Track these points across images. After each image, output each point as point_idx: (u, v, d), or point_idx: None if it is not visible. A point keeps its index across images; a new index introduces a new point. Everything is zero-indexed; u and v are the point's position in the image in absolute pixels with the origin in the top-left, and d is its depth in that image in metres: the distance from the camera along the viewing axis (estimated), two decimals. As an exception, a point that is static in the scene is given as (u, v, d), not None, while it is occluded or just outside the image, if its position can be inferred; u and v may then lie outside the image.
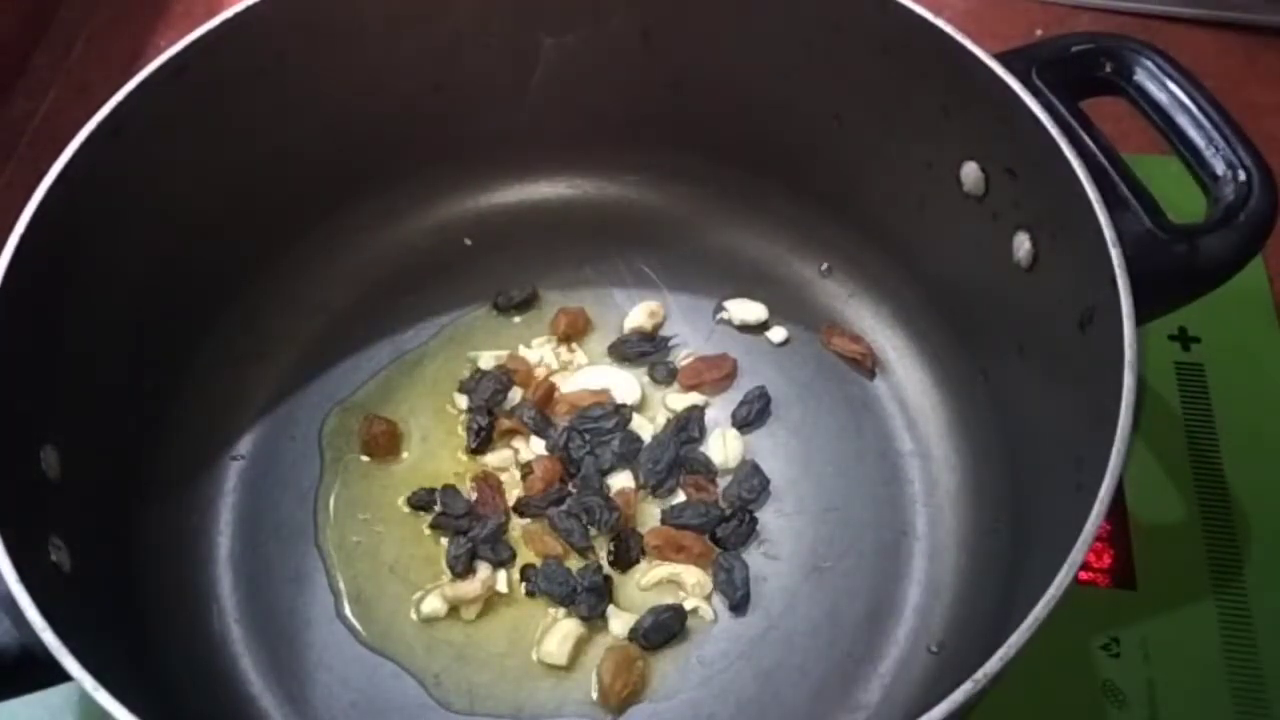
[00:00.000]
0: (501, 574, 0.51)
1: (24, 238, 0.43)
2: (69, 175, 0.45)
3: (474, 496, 0.53)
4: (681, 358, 0.57)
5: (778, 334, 0.58)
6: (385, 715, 0.49)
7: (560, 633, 0.50)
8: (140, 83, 0.47)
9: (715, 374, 0.56)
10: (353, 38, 0.52)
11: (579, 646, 0.50)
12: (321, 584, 0.52)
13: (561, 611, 0.51)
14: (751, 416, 0.55)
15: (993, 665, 0.36)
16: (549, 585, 0.50)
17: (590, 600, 0.50)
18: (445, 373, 0.57)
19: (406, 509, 0.53)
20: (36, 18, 0.75)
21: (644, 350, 0.57)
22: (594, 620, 0.50)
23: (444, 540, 0.52)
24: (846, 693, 0.49)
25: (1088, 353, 0.43)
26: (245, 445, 0.55)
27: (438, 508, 0.53)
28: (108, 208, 0.47)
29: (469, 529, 0.52)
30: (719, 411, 0.55)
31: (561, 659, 0.49)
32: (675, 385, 0.56)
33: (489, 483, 0.53)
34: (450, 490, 0.53)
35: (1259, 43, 0.70)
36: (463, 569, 0.51)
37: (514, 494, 0.53)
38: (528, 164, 0.61)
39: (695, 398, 0.56)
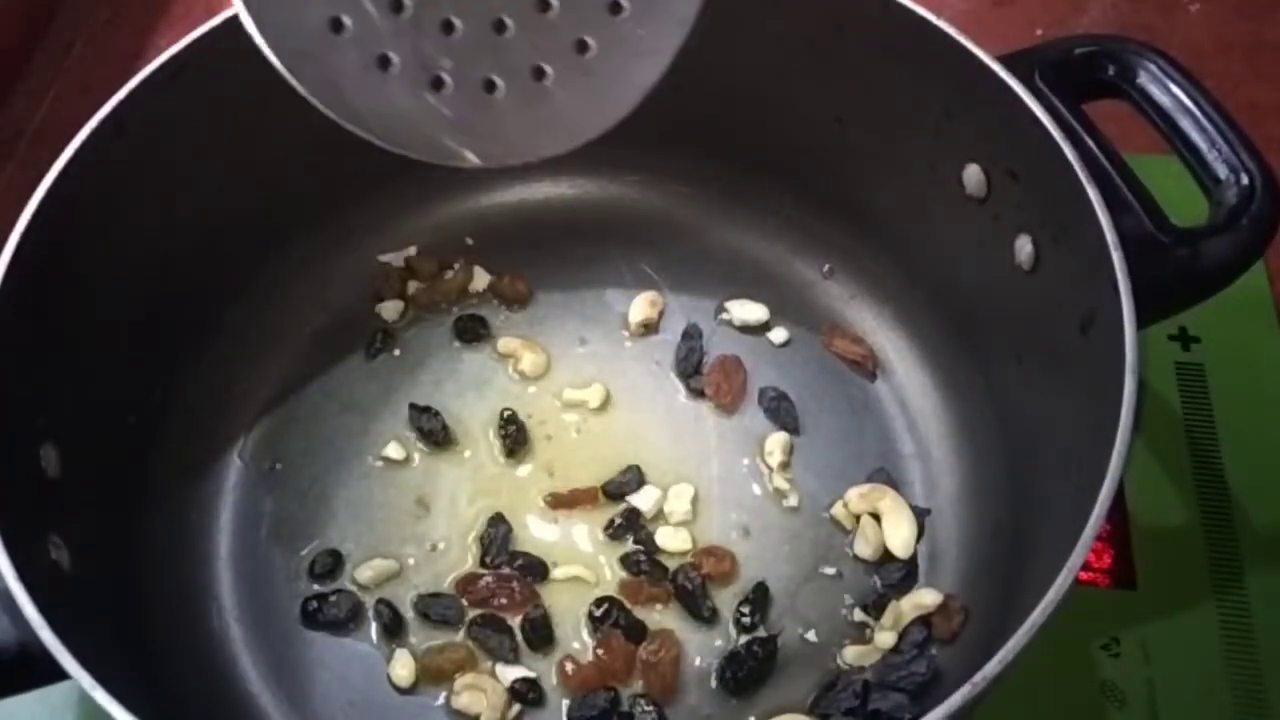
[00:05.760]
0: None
1: (24, 238, 0.43)
2: (69, 175, 0.45)
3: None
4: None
5: (779, 335, 0.58)
6: (383, 713, 0.49)
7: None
8: (140, 83, 0.47)
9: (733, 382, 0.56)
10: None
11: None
12: (320, 583, 0.52)
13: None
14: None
15: (993, 667, 0.36)
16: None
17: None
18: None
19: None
20: (36, 18, 0.75)
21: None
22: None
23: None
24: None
25: (1089, 356, 0.43)
26: (245, 444, 0.55)
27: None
28: (108, 207, 0.47)
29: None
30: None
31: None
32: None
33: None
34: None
35: (1260, 42, 0.70)
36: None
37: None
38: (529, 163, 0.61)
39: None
